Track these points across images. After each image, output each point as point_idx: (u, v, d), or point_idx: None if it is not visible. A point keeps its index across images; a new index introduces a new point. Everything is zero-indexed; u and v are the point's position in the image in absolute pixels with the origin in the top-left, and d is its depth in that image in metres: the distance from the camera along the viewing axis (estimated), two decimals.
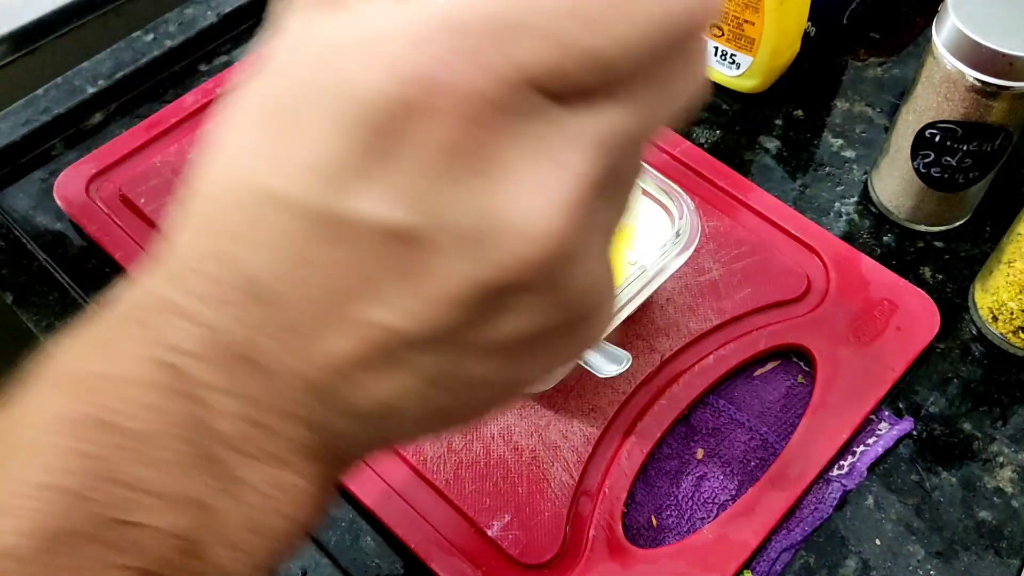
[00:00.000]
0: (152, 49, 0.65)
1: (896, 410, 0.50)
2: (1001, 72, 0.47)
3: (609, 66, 0.18)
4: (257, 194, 0.19)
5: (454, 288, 0.18)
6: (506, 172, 0.18)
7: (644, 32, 0.18)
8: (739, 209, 0.57)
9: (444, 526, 0.45)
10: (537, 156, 0.18)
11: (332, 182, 0.18)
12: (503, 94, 0.17)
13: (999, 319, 0.51)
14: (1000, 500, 0.47)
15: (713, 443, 0.49)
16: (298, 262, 0.19)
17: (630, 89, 0.19)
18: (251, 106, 0.20)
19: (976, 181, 0.54)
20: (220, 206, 0.20)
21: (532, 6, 0.17)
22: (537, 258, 0.18)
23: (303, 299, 0.19)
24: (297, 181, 0.18)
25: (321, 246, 0.19)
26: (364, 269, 0.19)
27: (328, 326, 0.19)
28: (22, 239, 0.57)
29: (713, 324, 0.51)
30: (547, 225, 0.18)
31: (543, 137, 0.18)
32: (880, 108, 0.63)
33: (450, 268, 0.18)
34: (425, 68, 0.17)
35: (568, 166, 0.18)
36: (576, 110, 0.18)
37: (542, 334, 0.20)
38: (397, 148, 0.18)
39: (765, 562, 0.45)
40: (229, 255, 0.20)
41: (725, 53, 0.62)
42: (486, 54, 0.17)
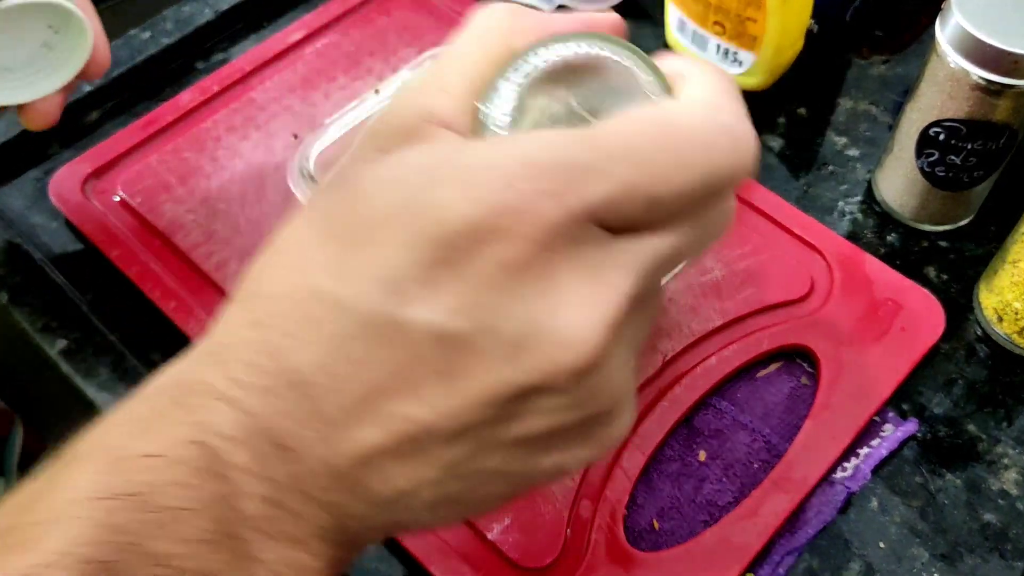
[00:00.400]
0: (149, 47, 0.65)
1: (900, 411, 0.50)
2: (1006, 70, 0.47)
3: (660, 206, 0.21)
4: (318, 297, 0.21)
5: (489, 388, 0.20)
6: (557, 288, 0.20)
7: (692, 182, 0.21)
8: (742, 208, 0.56)
9: (444, 529, 0.45)
10: (586, 276, 0.20)
11: (395, 290, 0.20)
12: (568, 224, 0.20)
13: (1004, 319, 0.51)
14: (1005, 502, 0.47)
15: (715, 445, 0.48)
16: (344, 360, 0.21)
17: (673, 223, 0.22)
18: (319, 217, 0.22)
19: (981, 180, 0.53)
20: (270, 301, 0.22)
21: (602, 154, 0.20)
22: (572, 365, 0.20)
23: (341, 392, 0.21)
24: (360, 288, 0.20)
25: (370, 347, 0.20)
26: (408, 369, 0.20)
27: (362, 418, 0.21)
28: (17, 238, 0.57)
29: (715, 325, 0.51)
30: (587, 335, 0.20)
31: (594, 260, 0.21)
32: (884, 106, 0.63)
33: (489, 369, 0.20)
34: (505, 197, 0.20)
35: (612, 286, 0.21)
36: (625, 239, 0.21)
37: (561, 433, 0.22)
38: (463, 263, 0.20)
39: (768, 565, 0.44)
40: (273, 346, 0.21)
41: (728, 51, 0.61)
42: (559, 190, 0.20)
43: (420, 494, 0.22)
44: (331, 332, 0.21)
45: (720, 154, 0.22)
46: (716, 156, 0.21)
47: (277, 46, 0.65)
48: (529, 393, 0.21)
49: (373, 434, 0.21)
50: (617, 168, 0.20)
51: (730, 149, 0.22)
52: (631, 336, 0.22)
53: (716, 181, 0.22)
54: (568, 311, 0.20)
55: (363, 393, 0.21)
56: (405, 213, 0.20)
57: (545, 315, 0.20)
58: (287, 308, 0.21)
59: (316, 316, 0.21)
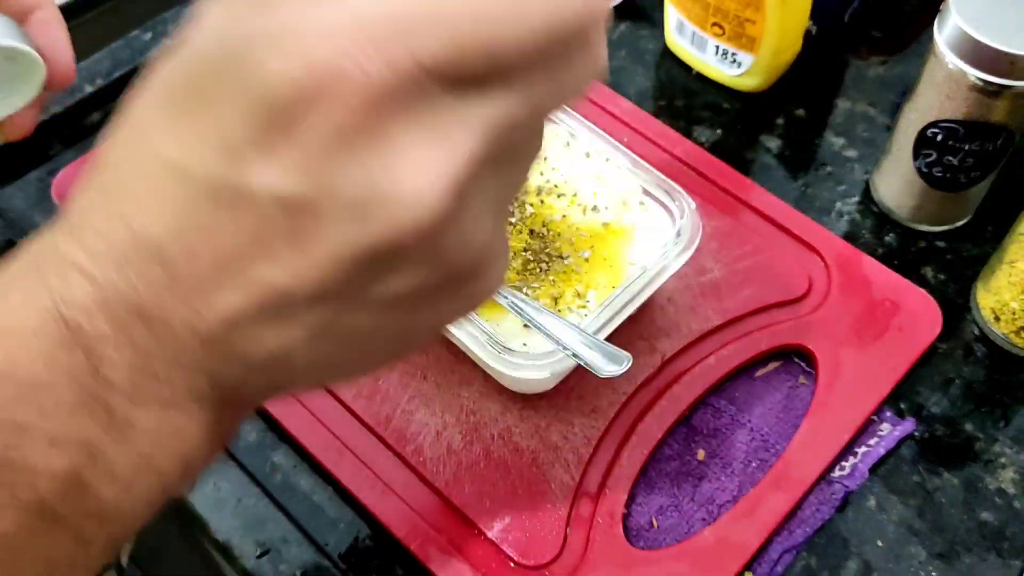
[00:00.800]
0: (150, 48, 0.65)
1: (898, 411, 0.50)
2: (1003, 71, 0.47)
3: (500, 59, 0.20)
4: (161, 165, 0.21)
5: (338, 250, 0.21)
6: (395, 149, 0.20)
7: (533, 31, 0.20)
8: (740, 209, 0.56)
9: (444, 527, 0.45)
10: (425, 135, 0.20)
11: (232, 156, 0.20)
12: (400, 82, 0.20)
13: (1001, 319, 0.51)
14: (1002, 501, 0.47)
15: (714, 444, 0.49)
16: (195, 227, 0.21)
17: (522, 78, 0.21)
18: (163, 84, 0.22)
19: (978, 181, 0.53)
20: (126, 174, 0.22)
21: (432, 6, 0.20)
22: (415, 224, 0.20)
23: (198, 260, 0.21)
24: (199, 155, 0.21)
25: (217, 213, 0.21)
26: (257, 233, 0.21)
27: (221, 284, 0.21)
28: (19, 238, 0.57)
29: (714, 324, 0.51)
30: (427, 195, 0.20)
31: (434, 119, 0.20)
32: (882, 107, 0.63)
33: (335, 232, 0.20)
34: (330, 57, 0.19)
35: (454, 144, 0.20)
36: (468, 96, 0.21)
37: (425, 292, 0.23)
38: (296, 127, 0.20)
39: (766, 563, 0.45)
40: (131, 218, 0.22)
41: (726, 52, 0.62)
42: (387, 46, 0.19)
43: (293, 356, 0.23)
44: (179, 199, 0.21)
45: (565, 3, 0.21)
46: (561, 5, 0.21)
47: None
48: (380, 254, 0.21)
49: (234, 298, 0.21)
50: (451, 23, 0.20)
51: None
52: (489, 195, 0.22)
53: (561, 30, 0.21)
54: (407, 171, 0.20)
55: (218, 258, 0.21)
56: (236, 77, 0.20)
57: (384, 177, 0.20)
58: (136, 177, 0.22)
59: (163, 184, 0.21)
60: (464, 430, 0.48)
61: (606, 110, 0.61)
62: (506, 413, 0.48)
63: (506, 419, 0.48)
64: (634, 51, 0.66)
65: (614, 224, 0.51)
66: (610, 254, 0.50)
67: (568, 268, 0.49)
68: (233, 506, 0.47)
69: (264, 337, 0.22)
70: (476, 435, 0.48)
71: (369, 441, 0.48)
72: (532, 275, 0.49)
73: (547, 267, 0.49)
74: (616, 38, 0.67)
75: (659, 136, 0.60)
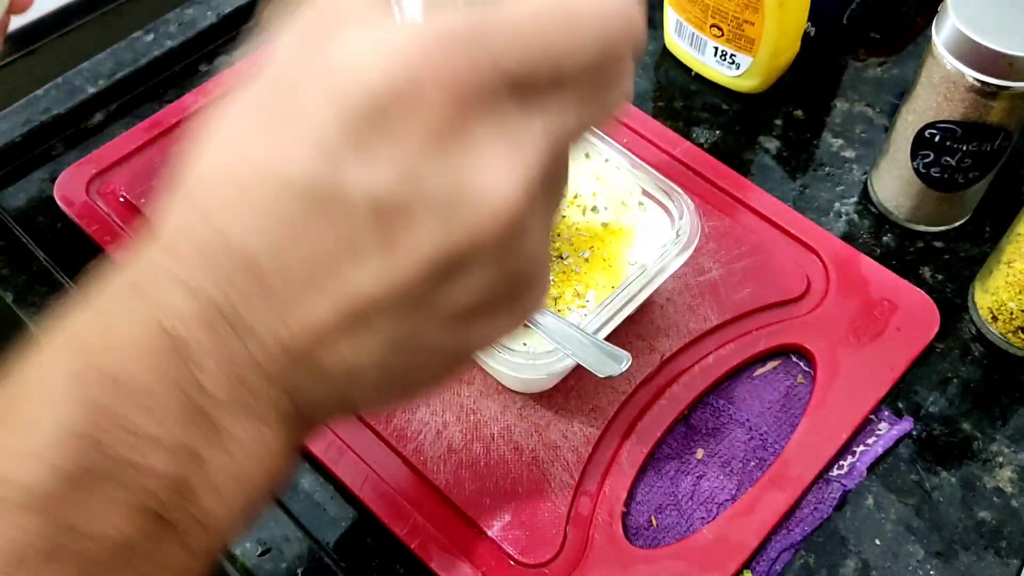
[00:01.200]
0: (152, 49, 0.65)
1: (896, 410, 0.50)
2: (1001, 72, 0.47)
3: (561, 69, 0.22)
4: (254, 172, 0.21)
5: (427, 254, 0.21)
6: (478, 150, 0.21)
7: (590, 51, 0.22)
8: (739, 209, 0.57)
9: (444, 526, 0.45)
10: (504, 138, 0.21)
11: (329, 156, 0.21)
12: (484, 86, 0.21)
13: (999, 319, 0.51)
14: (1000, 500, 0.47)
15: (713, 443, 0.49)
16: (288, 234, 0.21)
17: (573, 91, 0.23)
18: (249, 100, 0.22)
19: (976, 181, 0.54)
20: (216, 185, 0.22)
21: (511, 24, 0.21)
22: (494, 224, 0.21)
23: (290, 267, 0.22)
24: (295, 157, 0.21)
25: (311, 218, 0.21)
26: (348, 237, 0.21)
27: (311, 292, 0.22)
28: (22, 239, 0.57)
29: (713, 324, 0.51)
30: (509, 195, 0.21)
31: (510, 123, 0.21)
32: (880, 108, 0.63)
33: (424, 235, 0.21)
34: (420, 61, 0.20)
35: (526, 149, 0.22)
36: (531, 106, 0.22)
37: (488, 300, 0.23)
38: (393, 127, 0.20)
39: (765, 562, 0.45)
40: (223, 226, 0.22)
41: (725, 53, 0.62)
42: (468, 54, 0.21)
43: (367, 371, 0.23)
44: (272, 205, 0.21)
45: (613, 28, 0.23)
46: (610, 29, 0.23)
47: None
48: (462, 258, 0.21)
49: (323, 307, 0.22)
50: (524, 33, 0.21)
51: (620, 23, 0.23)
52: (544, 206, 0.23)
53: (611, 52, 0.23)
54: (490, 172, 0.21)
55: (309, 267, 0.21)
56: (329, 82, 0.21)
57: (470, 177, 0.21)
58: (228, 186, 0.22)
59: (256, 191, 0.21)
60: (464, 429, 0.48)
61: None
62: (506, 412, 0.48)
63: (506, 418, 0.48)
64: None
65: (613, 224, 0.51)
66: (609, 254, 0.50)
67: (567, 268, 0.49)
68: None
69: (343, 348, 0.23)
70: (476, 434, 0.48)
71: (370, 440, 0.48)
72: None
73: None
74: None
75: (658, 137, 0.60)
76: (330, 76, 0.21)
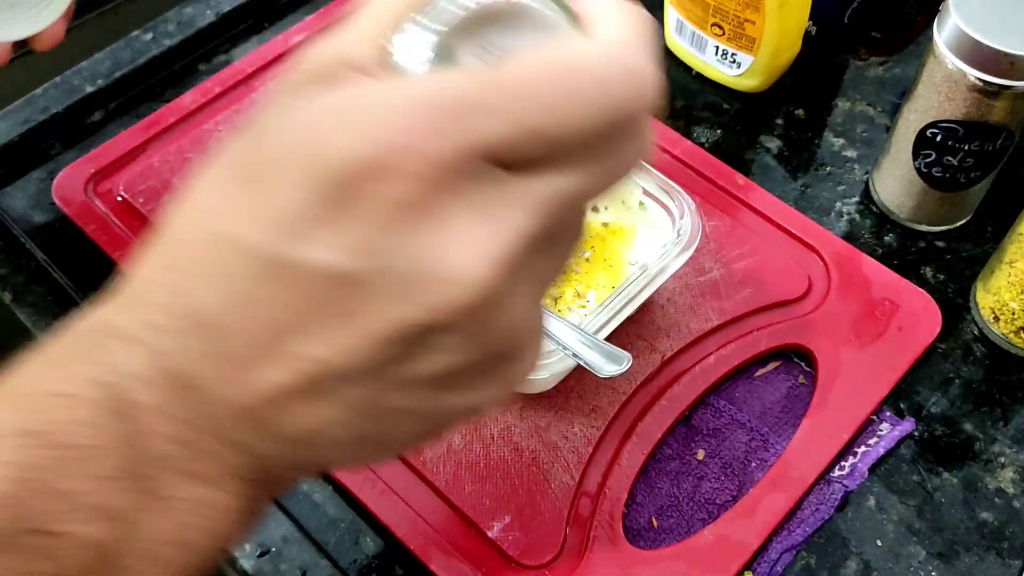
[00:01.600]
0: (151, 48, 0.65)
1: (897, 410, 0.50)
2: (1002, 71, 0.47)
3: (556, 143, 0.21)
4: (219, 238, 0.21)
5: (386, 327, 0.21)
6: (448, 225, 0.20)
7: (588, 120, 0.21)
8: (740, 209, 0.56)
9: (444, 527, 0.45)
10: (478, 213, 0.21)
11: (288, 230, 0.20)
12: (458, 161, 0.20)
13: (1001, 319, 0.51)
14: (1001, 501, 0.47)
15: (714, 444, 0.49)
16: (244, 299, 0.21)
17: (575, 159, 0.21)
18: (226, 163, 0.22)
19: (977, 181, 0.53)
20: (180, 246, 0.22)
21: (493, 90, 0.20)
22: (462, 301, 0.21)
23: (245, 332, 0.21)
24: (256, 228, 0.21)
25: (268, 286, 0.21)
26: (305, 308, 0.21)
27: (265, 358, 0.21)
28: (20, 238, 0.57)
29: (714, 324, 0.51)
30: (474, 274, 0.20)
31: (487, 197, 0.21)
32: (881, 107, 0.63)
33: (384, 308, 0.21)
34: (394, 134, 0.20)
35: (506, 222, 0.21)
36: (522, 175, 0.21)
37: (464, 372, 0.22)
38: (355, 202, 0.20)
39: (766, 563, 0.45)
40: (181, 288, 0.22)
41: (726, 52, 0.62)
42: (448, 127, 0.20)
43: (331, 433, 0.23)
44: (233, 273, 0.21)
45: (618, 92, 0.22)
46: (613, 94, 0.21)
47: (279, 48, 0.65)
48: (425, 331, 0.21)
49: (277, 374, 0.21)
50: (511, 106, 0.20)
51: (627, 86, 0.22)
52: (535, 275, 0.23)
53: (614, 118, 0.22)
54: (458, 248, 0.20)
55: (265, 334, 0.21)
56: (299, 153, 0.21)
57: (436, 253, 0.20)
58: (193, 250, 0.22)
59: (219, 257, 0.21)
60: (464, 430, 0.48)
61: None
62: (506, 413, 0.48)
63: (506, 419, 0.48)
64: None
65: (614, 224, 0.51)
66: (610, 254, 0.50)
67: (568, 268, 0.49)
68: None
69: (304, 413, 0.22)
70: (476, 435, 0.48)
71: None
72: None
73: None
74: None
75: (659, 136, 0.60)
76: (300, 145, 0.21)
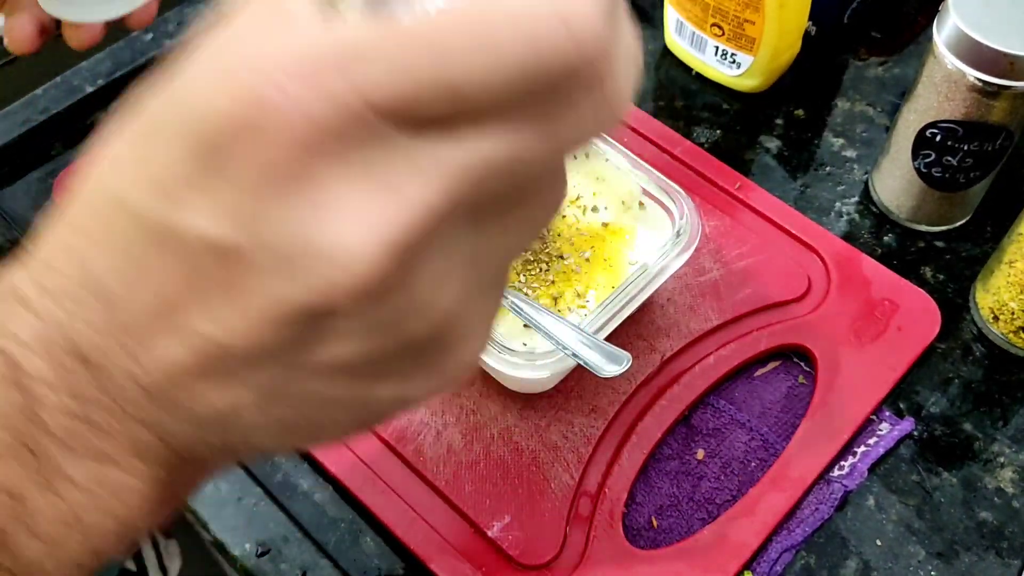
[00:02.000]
0: (151, 48, 0.65)
1: (897, 410, 0.50)
2: (1002, 72, 0.47)
3: (468, 99, 0.18)
4: (108, 197, 0.20)
5: (270, 306, 0.19)
6: (330, 197, 0.18)
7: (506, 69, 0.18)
8: (739, 209, 0.57)
9: (444, 526, 0.45)
10: (371, 184, 0.18)
11: (166, 192, 0.19)
12: (340, 120, 0.17)
13: (1000, 319, 0.51)
14: (1001, 500, 0.47)
15: (714, 444, 0.49)
16: (134, 266, 0.20)
17: (501, 120, 0.18)
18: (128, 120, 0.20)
19: (977, 181, 0.53)
20: (80, 207, 0.21)
21: (387, 39, 0.17)
22: (350, 286, 0.18)
23: (138, 302, 0.20)
24: (139, 188, 0.19)
25: (154, 253, 0.19)
26: (191, 280, 0.19)
27: (161, 332, 0.20)
28: (21, 239, 0.57)
29: (714, 324, 0.51)
30: (364, 254, 0.18)
31: (384, 166, 0.18)
32: (881, 108, 0.63)
33: (267, 286, 0.19)
34: (258, 88, 0.17)
35: (403, 196, 0.18)
36: (430, 140, 0.18)
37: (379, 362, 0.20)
38: (225, 165, 0.18)
39: (765, 563, 0.45)
40: (77, 252, 0.20)
41: (725, 52, 0.62)
42: (327, 78, 0.17)
43: (245, 417, 0.21)
44: (120, 236, 0.20)
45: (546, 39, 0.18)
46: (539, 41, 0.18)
47: None
48: (316, 315, 0.19)
49: (175, 350, 0.20)
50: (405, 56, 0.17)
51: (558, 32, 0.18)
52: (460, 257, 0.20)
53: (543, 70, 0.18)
54: (346, 224, 0.18)
55: (157, 304, 0.20)
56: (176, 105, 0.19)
57: (315, 229, 0.18)
58: (87, 211, 0.21)
59: (109, 219, 0.20)
60: (464, 430, 0.48)
61: None
62: (506, 413, 0.48)
63: (506, 419, 0.48)
64: None
65: (614, 224, 0.51)
66: (610, 254, 0.50)
67: (568, 268, 0.49)
68: (233, 505, 0.47)
69: (209, 394, 0.21)
70: (476, 435, 0.48)
71: (369, 441, 0.48)
72: (532, 275, 0.49)
73: (547, 267, 0.49)
74: None
75: (659, 136, 0.60)
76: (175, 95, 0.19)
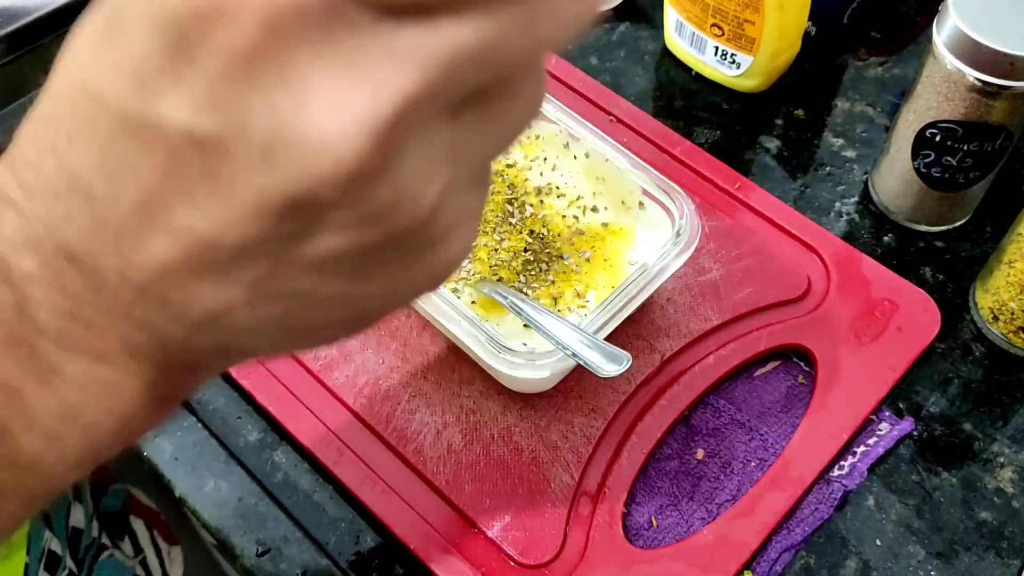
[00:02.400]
0: None
1: (897, 410, 0.50)
2: (1002, 72, 0.47)
3: None
4: (83, 92, 0.19)
5: (254, 197, 0.18)
6: (308, 83, 0.17)
7: None
8: (739, 209, 0.57)
9: (444, 526, 0.45)
10: (350, 71, 0.17)
11: (141, 84, 0.18)
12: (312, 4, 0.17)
13: (1000, 319, 0.51)
14: (1001, 500, 0.47)
15: (713, 443, 0.49)
16: (114, 162, 0.19)
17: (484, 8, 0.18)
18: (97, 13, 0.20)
19: (977, 181, 0.53)
20: (57, 103, 0.20)
21: None
22: (330, 174, 0.18)
23: (121, 199, 0.19)
24: (113, 81, 0.19)
25: (133, 147, 0.19)
26: (173, 173, 0.19)
27: (146, 229, 0.20)
28: None
29: (713, 324, 0.51)
30: (347, 140, 0.17)
31: (363, 52, 0.17)
32: (881, 108, 0.63)
33: (248, 176, 0.18)
34: None
35: (381, 81, 0.17)
36: (408, 26, 0.17)
37: (367, 255, 0.20)
38: (196, 51, 0.17)
39: (765, 563, 0.45)
40: (58, 149, 0.20)
41: (725, 52, 0.62)
42: None
43: (238, 316, 0.21)
44: (99, 130, 0.19)
45: None
46: None
47: None
48: (303, 205, 0.18)
49: (163, 247, 0.20)
50: None
51: None
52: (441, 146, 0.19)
53: None
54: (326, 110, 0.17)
55: (140, 200, 0.19)
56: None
57: (294, 116, 0.17)
58: (64, 105, 0.20)
59: (86, 113, 0.19)
60: (464, 430, 0.48)
61: (605, 110, 0.61)
62: (506, 413, 0.48)
63: (506, 419, 0.48)
64: (633, 52, 0.67)
65: (614, 224, 0.51)
66: (610, 254, 0.50)
67: (568, 268, 0.49)
68: (233, 505, 0.47)
69: (199, 292, 0.20)
70: (476, 435, 0.48)
71: (369, 440, 0.48)
72: (532, 275, 0.49)
73: (547, 267, 0.49)
74: (616, 38, 0.67)
75: (658, 136, 0.60)
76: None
